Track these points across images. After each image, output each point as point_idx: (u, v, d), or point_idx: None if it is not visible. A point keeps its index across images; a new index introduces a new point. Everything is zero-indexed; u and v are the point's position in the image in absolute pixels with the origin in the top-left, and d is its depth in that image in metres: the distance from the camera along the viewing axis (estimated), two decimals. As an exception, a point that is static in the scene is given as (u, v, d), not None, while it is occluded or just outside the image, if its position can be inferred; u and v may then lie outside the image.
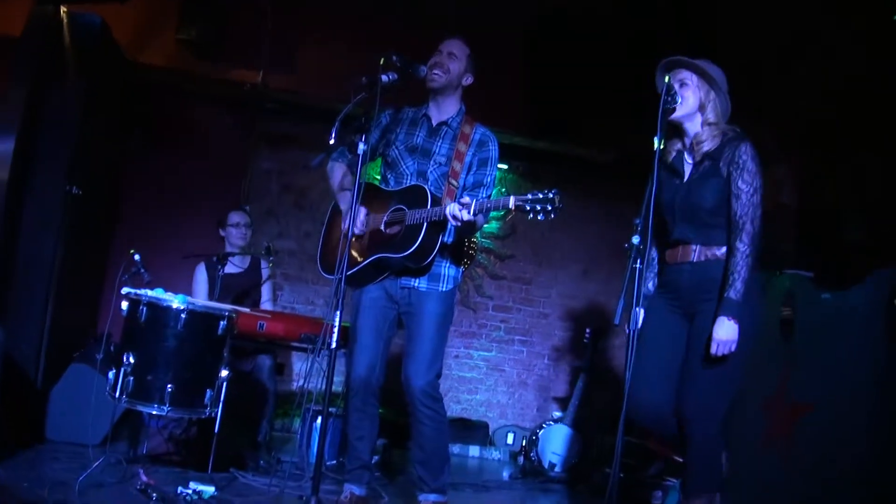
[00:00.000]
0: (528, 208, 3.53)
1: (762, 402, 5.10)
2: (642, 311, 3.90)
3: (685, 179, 3.84)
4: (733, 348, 3.57)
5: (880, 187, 5.51)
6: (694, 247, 3.76)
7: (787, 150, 6.68)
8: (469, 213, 3.71)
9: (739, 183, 3.62)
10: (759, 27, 6.03)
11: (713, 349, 3.57)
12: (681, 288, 3.80)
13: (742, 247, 3.58)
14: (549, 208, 3.49)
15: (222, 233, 6.04)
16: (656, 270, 4.04)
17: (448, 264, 4.25)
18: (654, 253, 4.01)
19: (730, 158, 3.67)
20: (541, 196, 3.51)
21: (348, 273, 3.98)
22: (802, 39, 5.92)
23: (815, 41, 5.84)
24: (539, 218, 3.51)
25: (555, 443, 6.44)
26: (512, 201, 3.58)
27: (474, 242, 8.03)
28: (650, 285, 4.02)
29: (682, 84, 3.78)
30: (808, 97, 6.15)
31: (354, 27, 7.08)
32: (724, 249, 3.70)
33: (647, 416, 3.87)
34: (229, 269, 5.96)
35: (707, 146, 3.77)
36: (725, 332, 3.55)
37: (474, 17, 6.48)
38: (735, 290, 3.56)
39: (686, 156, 3.88)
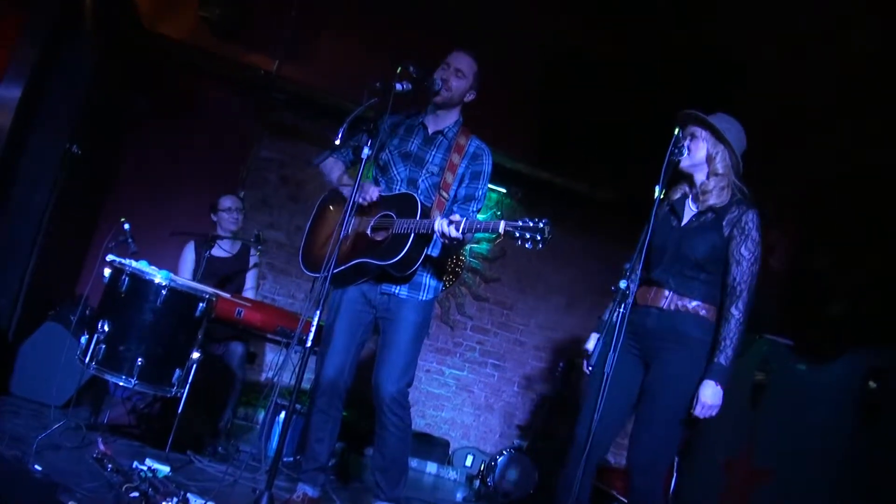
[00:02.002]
0: (518, 235, 3.51)
1: (724, 463, 5.11)
2: (594, 337, 3.91)
3: (682, 224, 3.82)
4: (714, 413, 3.54)
5: (871, 265, 5.54)
6: (667, 292, 3.73)
7: (783, 215, 6.71)
8: (458, 230, 3.70)
9: (742, 249, 3.61)
10: (770, 92, 6.07)
11: (697, 411, 3.53)
12: (644, 331, 3.76)
13: (737, 314, 3.56)
14: (539, 238, 3.48)
15: (214, 217, 6.01)
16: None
17: (430, 274, 4.24)
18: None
19: (735, 220, 3.66)
20: (531, 224, 3.49)
21: (328, 273, 3.99)
22: (812, 113, 5.97)
23: (824, 116, 5.89)
24: (527, 246, 3.50)
25: (513, 471, 6.43)
26: (502, 226, 3.56)
27: (462, 260, 8.04)
28: (609, 311, 3.98)
29: (693, 137, 3.77)
30: (813, 167, 6.19)
31: (375, 29, 7.08)
32: (695, 303, 3.68)
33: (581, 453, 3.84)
34: (218, 252, 5.94)
35: (713, 199, 3.74)
36: (711, 396, 3.52)
37: (495, 35, 6.50)
38: (726, 357, 3.53)
39: (690, 202, 3.87)
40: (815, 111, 5.94)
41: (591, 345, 4.00)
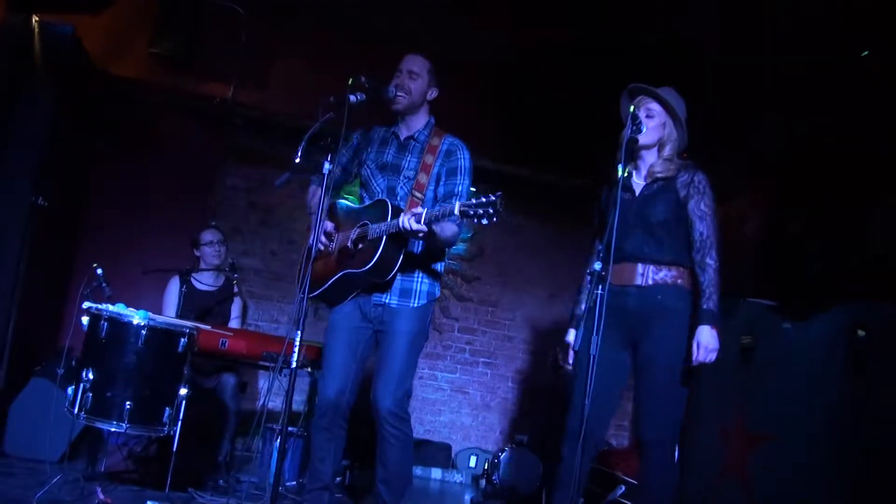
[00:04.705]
0: (472, 213, 3.48)
1: (720, 431, 5.13)
2: (572, 332, 3.95)
3: (637, 195, 3.91)
4: (713, 357, 3.67)
5: (845, 222, 5.59)
6: (641, 267, 3.82)
7: (753, 181, 6.75)
8: (419, 221, 3.68)
9: (702, 206, 3.79)
10: (727, 65, 6.11)
11: (695, 355, 3.66)
12: (626, 312, 3.82)
13: (712, 262, 3.73)
14: (492, 211, 3.45)
15: (197, 252, 6.00)
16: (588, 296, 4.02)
17: (421, 279, 4.19)
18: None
19: (688, 182, 3.83)
20: (484, 200, 3.47)
21: (318, 292, 4.10)
22: (775, 80, 6.00)
23: (788, 84, 5.93)
24: (483, 222, 3.48)
25: (518, 466, 6.43)
26: (457, 207, 3.53)
27: (441, 263, 8.04)
28: (583, 306, 3.98)
29: (649, 115, 3.85)
30: (779, 131, 6.23)
31: (329, 45, 7.08)
32: (671, 273, 3.81)
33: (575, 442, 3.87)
34: (202, 287, 5.93)
35: (661, 174, 3.89)
36: (707, 338, 3.66)
37: (449, 40, 6.50)
38: (713, 302, 3.70)
39: (636, 175, 3.97)
40: (778, 79, 5.97)
41: (570, 340, 4.02)
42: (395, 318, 4.13)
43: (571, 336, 4.01)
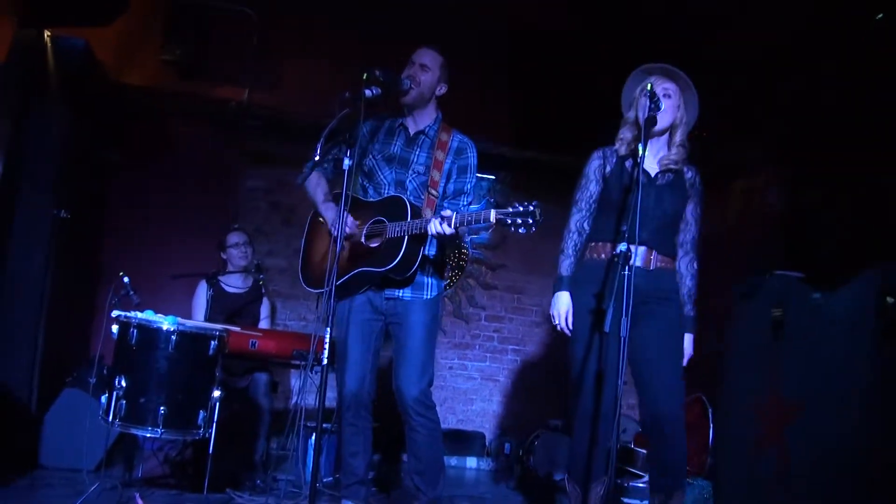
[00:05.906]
0: (509, 222, 3.50)
1: (755, 405, 5.09)
2: (565, 294, 4.06)
3: (652, 177, 3.91)
4: None
5: (864, 190, 5.53)
6: (646, 251, 3.84)
7: (773, 153, 6.69)
8: (450, 226, 3.69)
9: (699, 210, 3.94)
10: (738, 39, 6.05)
11: (685, 362, 3.88)
12: (633, 291, 3.79)
13: (696, 269, 3.97)
14: (531, 221, 3.47)
15: (223, 255, 6.03)
16: (576, 258, 4.17)
17: (431, 272, 4.23)
18: (580, 242, 4.21)
19: (692, 182, 3.93)
20: (521, 209, 3.48)
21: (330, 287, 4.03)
22: (784, 50, 5.94)
23: (797, 52, 5.87)
24: (520, 231, 3.49)
25: (552, 450, 6.42)
26: (493, 215, 3.55)
27: (465, 253, 8.03)
28: (570, 266, 4.16)
29: (666, 94, 3.81)
30: (794, 101, 6.17)
31: (339, 44, 7.07)
32: (668, 259, 3.91)
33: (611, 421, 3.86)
34: (231, 289, 5.95)
35: (674, 165, 3.91)
36: (690, 347, 3.92)
37: (458, 30, 6.49)
38: (693, 308, 3.94)
39: (648, 159, 3.90)
40: (793, 49, 5.92)
41: (562, 305, 4.05)
42: (410, 309, 4.17)
43: (566, 298, 4.05)
